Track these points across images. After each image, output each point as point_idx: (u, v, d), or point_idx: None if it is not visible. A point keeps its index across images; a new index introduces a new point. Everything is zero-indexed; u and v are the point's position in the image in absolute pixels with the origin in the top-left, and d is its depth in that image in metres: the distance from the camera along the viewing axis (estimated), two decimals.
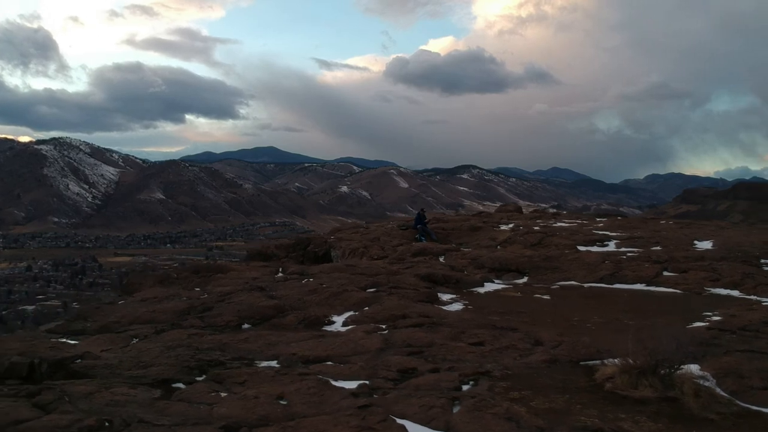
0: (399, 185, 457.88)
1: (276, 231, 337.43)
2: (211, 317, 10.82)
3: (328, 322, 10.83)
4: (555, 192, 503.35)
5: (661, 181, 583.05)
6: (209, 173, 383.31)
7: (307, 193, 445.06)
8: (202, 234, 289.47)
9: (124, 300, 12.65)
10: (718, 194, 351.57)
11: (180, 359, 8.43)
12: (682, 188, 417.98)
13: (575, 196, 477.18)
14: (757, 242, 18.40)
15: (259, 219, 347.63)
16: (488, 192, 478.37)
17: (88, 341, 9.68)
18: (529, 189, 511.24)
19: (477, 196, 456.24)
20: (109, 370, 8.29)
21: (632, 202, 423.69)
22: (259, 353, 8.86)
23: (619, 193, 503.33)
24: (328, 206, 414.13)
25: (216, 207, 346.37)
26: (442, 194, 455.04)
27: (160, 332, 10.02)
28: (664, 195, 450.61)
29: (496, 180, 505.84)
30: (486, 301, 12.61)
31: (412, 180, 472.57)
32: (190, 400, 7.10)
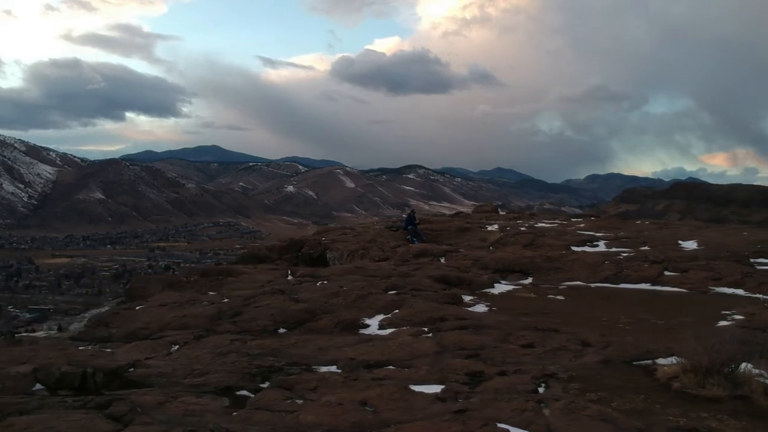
0: (345, 185, 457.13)
1: (220, 231, 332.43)
2: (245, 322, 10.62)
3: (363, 325, 10.75)
4: (499, 192, 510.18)
5: (601, 180, 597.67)
6: (151, 172, 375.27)
7: (251, 192, 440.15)
8: (144, 234, 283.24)
9: (138, 305, 12.28)
10: (656, 194, 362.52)
11: (237, 366, 8.25)
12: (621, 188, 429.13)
13: (518, 196, 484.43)
14: (739, 242, 19.08)
15: (202, 219, 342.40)
16: (434, 192, 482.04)
17: (127, 348, 9.38)
18: (474, 189, 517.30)
19: (423, 196, 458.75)
20: (165, 378, 8.06)
21: (573, 202, 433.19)
22: (313, 358, 8.74)
23: (561, 193, 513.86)
24: (273, 206, 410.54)
25: (158, 207, 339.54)
26: (388, 194, 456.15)
27: (199, 338, 9.79)
28: (604, 195, 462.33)
29: (442, 180, 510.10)
30: (506, 302, 12.72)
31: (358, 180, 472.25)
32: (268, 408, 6.96)
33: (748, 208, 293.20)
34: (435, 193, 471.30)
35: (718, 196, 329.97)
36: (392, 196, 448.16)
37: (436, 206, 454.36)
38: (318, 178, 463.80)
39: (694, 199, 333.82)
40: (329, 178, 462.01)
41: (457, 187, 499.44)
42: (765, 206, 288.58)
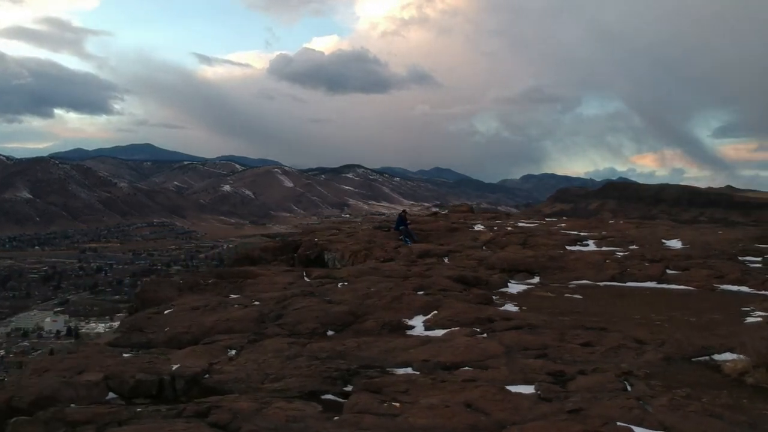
0: (284, 184, 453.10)
1: (154, 232, 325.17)
2: (291, 325, 10.47)
3: (408, 326, 10.75)
4: (437, 191, 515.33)
5: (535, 180, 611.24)
6: (81, 171, 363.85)
7: (187, 192, 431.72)
8: (74, 235, 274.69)
9: (165, 309, 11.93)
10: (589, 194, 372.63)
11: (314, 370, 8.14)
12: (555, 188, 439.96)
13: (456, 196, 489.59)
14: (720, 241, 19.93)
15: (135, 219, 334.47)
16: (373, 191, 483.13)
17: (183, 354, 9.11)
18: (413, 188, 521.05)
19: (362, 196, 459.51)
20: (243, 384, 7.90)
21: (510, 201, 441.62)
22: (383, 360, 8.69)
23: (497, 193, 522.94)
24: (209, 206, 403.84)
25: (89, 207, 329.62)
26: (327, 194, 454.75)
27: (253, 342, 9.60)
28: (539, 194, 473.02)
29: (381, 179, 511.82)
30: (532, 302, 12.91)
31: (297, 179, 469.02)
32: (369, 412, 6.90)
33: (677, 206, 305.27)
34: (374, 192, 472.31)
35: (649, 195, 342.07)
36: (331, 195, 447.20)
37: (375, 206, 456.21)
38: (255, 178, 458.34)
39: (625, 199, 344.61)
40: (267, 177, 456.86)
41: (396, 187, 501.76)
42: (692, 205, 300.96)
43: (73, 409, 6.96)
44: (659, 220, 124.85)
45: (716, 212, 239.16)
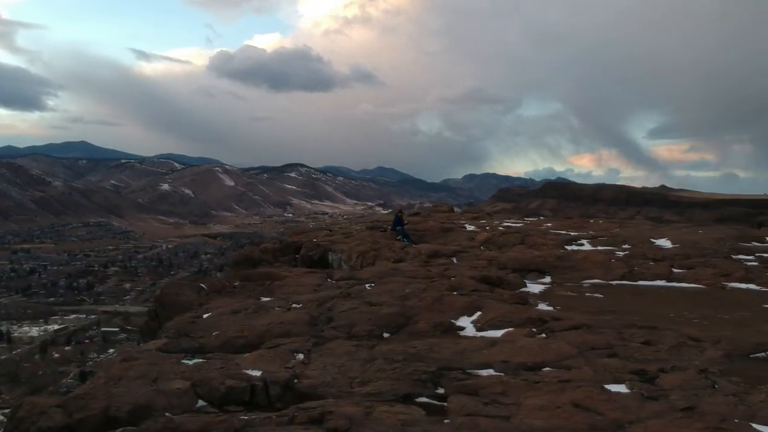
0: (225, 183, 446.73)
1: (90, 232, 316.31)
2: (345, 327, 10.38)
3: (459, 328, 10.79)
4: (380, 191, 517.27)
5: (477, 180, 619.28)
6: (12, 169, 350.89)
7: (124, 191, 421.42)
8: (6, 236, 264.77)
9: (204, 313, 11.65)
10: (529, 193, 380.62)
11: (400, 373, 8.11)
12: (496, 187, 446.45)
13: (400, 195, 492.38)
14: (707, 240, 20.68)
15: (70, 219, 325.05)
16: (316, 191, 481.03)
17: (252, 359, 8.92)
18: (356, 188, 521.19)
19: (306, 195, 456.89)
20: (333, 388, 7.82)
21: (452, 201, 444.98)
22: (460, 362, 8.71)
23: (440, 192, 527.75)
24: (148, 205, 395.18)
25: (20, 206, 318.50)
26: (270, 193, 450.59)
27: (317, 345, 9.49)
28: (480, 194, 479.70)
29: (324, 179, 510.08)
30: (562, 302, 13.11)
31: (238, 178, 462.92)
32: (480, 414, 6.93)
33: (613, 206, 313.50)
34: (317, 192, 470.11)
35: (587, 195, 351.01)
36: (274, 194, 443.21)
37: (318, 205, 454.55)
38: (195, 176, 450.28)
39: (564, 198, 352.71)
40: (207, 176, 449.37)
41: (339, 186, 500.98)
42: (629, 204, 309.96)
43: (185, 417, 6.77)
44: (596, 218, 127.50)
45: (651, 211, 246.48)
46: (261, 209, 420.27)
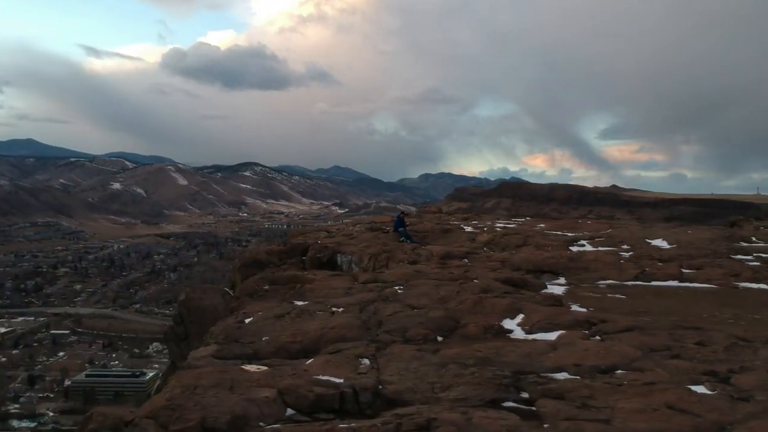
0: (177, 182, 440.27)
1: (38, 232, 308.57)
2: (399, 331, 10.33)
3: (507, 330, 10.85)
4: (337, 190, 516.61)
5: (433, 179, 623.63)
6: None
7: (74, 190, 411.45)
8: None
9: (249, 317, 11.47)
10: (485, 193, 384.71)
11: (480, 377, 8.12)
12: (452, 186, 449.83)
13: (356, 194, 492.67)
14: (702, 240, 21.23)
15: (17, 219, 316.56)
16: (272, 190, 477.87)
17: (319, 364, 8.80)
18: (312, 187, 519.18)
19: (261, 194, 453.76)
20: (418, 394, 7.80)
21: (408, 200, 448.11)
22: (531, 365, 8.75)
23: (396, 192, 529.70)
24: (98, 204, 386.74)
25: None
26: (224, 192, 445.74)
27: (379, 350, 9.43)
28: (436, 193, 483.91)
29: (280, 178, 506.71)
30: (593, 303, 13.25)
31: (191, 177, 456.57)
32: (578, 418, 6.97)
33: (567, 205, 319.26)
34: (273, 191, 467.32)
35: (541, 194, 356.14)
36: (228, 194, 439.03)
37: (274, 205, 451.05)
38: (148, 175, 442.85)
39: (519, 198, 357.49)
40: (160, 175, 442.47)
41: (295, 186, 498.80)
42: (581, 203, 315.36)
43: (290, 427, 6.66)
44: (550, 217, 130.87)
45: (603, 210, 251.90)
46: (215, 209, 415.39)
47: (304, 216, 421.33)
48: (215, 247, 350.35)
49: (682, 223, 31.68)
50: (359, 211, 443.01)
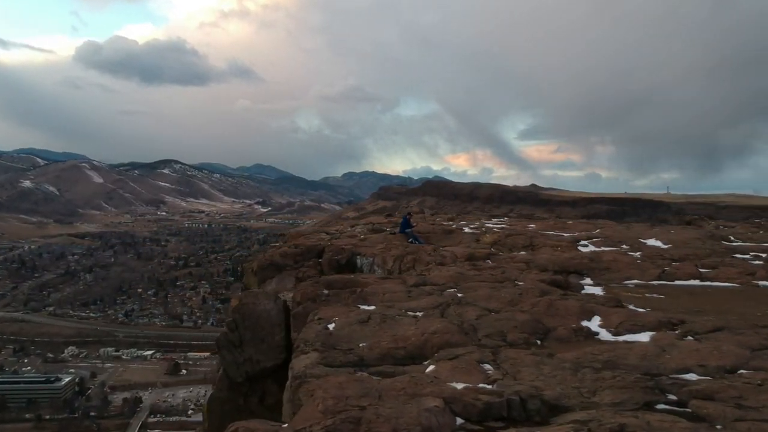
0: (92, 180, 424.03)
1: None
2: (497, 335, 10.34)
3: (593, 332, 11.01)
4: (259, 189, 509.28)
5: (357, 178, 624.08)
6: None
7: None
8: None
9: (325, 323, 11.18)
10: (409, 191, 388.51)
11: (623, 381, 8.20)
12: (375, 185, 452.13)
13: (279, 193, 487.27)
14: (691, 239, 22.13)
15: None
16: (192, 188, 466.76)
17: (446, 371, 8.70)
18: (234, 185, 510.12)
19: (180, 193, 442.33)
20: (572, 399, 7.82)
21: (332, 199, 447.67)
22: (657, 367, 8.90)
23: (320, 190, 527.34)
24: (7, 203, 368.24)
25: None
26: (141, 190, 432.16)
27: (495, 355, 9.40)
28: (360, 192, 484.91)
29: (200, 176, 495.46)
30: (642, 303, 13.61)
31: (107, 174, 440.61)
32: (743, 418, 7.17)
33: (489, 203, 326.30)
34: (192, 189, 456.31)
35: (464, 193, 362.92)
36: (146, 192, 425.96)
37: (194, 203, 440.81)
38: (60, 173, 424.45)
39: (443, 196, 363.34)
40: (74, 172, 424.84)
41: (216, 184, 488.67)
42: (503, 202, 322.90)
43: None
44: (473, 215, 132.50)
45: (524, 209, 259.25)
46: (132, 207, 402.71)
47: (225, 215, 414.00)
48: (133, 247, 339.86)
49: (667, 223, 32.85)
50: (283, 210, 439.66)
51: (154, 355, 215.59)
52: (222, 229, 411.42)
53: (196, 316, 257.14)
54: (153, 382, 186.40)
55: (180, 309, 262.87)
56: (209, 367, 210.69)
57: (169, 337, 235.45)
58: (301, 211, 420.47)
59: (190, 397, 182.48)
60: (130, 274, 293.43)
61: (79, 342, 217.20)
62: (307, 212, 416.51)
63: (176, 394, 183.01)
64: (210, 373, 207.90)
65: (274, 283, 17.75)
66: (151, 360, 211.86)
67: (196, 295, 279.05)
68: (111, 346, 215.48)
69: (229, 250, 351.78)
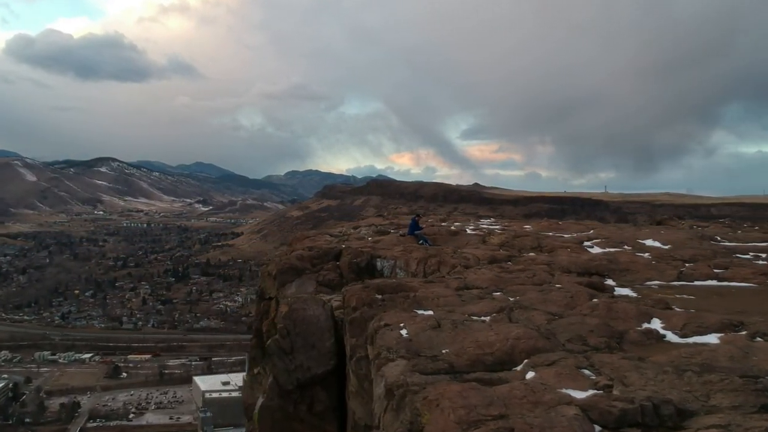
0: (25, 178, 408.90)
1: None
2: (579, 340, 10.39)
3: (661, 334, 11.19)
4: (200, 187, 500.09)
5: (300, 177, 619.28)
6: None
7: None
8: None
9: (401, 329, 11.05)
10: (354, 190, 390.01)
11: (731, 384, 8.35)
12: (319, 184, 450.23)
13: (221, 192, 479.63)
14: (687, 239, 22.80)
15: None
16: (130, 187, 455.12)
17: (550, 378, 8.72)
18: (174, 184, 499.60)
19: (118, 191, 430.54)
20: (691, 404, 7.92)
21: (275, 198, 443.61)
22: (749, 369, 9.10)
23: (262, 189, 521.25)
24: None
25: None
26: (77, 189, 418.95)
27: (589, 359, 9.46)
28: (304, 191, 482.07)
29: (138, 174, 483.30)
30: (683, 304, 13.92)
31: (41, 173, 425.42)
32: None
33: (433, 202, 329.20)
34: (131, 188, 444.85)
35: (409, 192, 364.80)
36: (82, 191, 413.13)
37: (132, 202, 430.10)
38: None
39: (388, 195, 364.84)
40: (5, 170, 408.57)
41: (155, 182, 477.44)
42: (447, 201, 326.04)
43: None
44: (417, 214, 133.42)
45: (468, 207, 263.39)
46: (68, 206, 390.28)
47: (165, 214, 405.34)
48: (69, 247, 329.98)
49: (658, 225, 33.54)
50: (224, 209, 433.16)
51: (93, 358, 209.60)
52: (162, 228, 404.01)
53: (136, 317, 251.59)
54: (92, 385, 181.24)
55: (119, 310, 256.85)
56: (150, 370, 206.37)
57: (109, 339, 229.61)
58: (243, 210, 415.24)
59: (131, 400, 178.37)
60: (66, 275, 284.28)
61: (13, 346, 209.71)
62: (250, 211, 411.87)
63: (116, 398, 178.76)
64: (151, 376, 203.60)
65: (294, 286, 17.45)
66: (89, 363, 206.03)
67: (136, 296, 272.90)
68: (47, 349, 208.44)
69: (170, 250, 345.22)
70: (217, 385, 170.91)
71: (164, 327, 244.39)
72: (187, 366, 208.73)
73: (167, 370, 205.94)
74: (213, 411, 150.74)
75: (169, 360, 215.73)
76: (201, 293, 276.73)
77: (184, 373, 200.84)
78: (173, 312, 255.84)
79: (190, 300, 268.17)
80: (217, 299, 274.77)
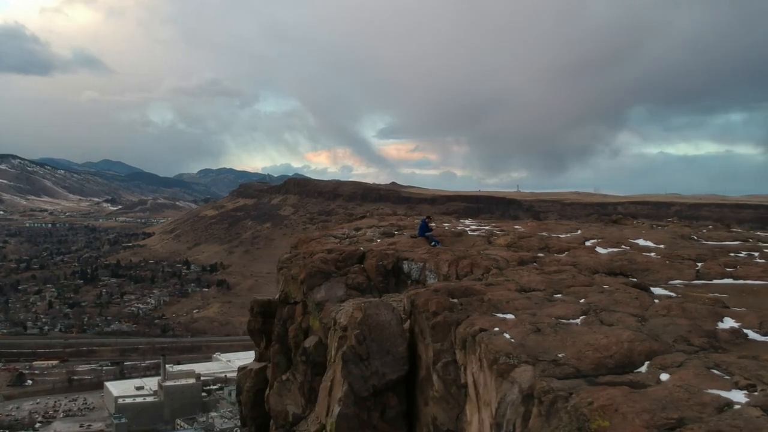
0: None
1: None
2: (682, 341, 10.65)
3: (744, 333, 11.60)
4: (108, 185, 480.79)
5: (213, 175, 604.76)
6: None
7: None
8: None
9: (498, 333, 10.98)
10: (271, 189, 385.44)
11: None
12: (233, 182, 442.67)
13: (130, 190, 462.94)
14: (677, 238, 23.75)
15: None
16: (33, 185, 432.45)
17: (694, 381, 8.88)
18: (80, 182, 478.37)
19: (20, 190, 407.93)
20: None
21: (187, 196, 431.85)
22: None
23: (174, 187, 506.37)
24: None
25: None
26: None
27: (708, 359, 9.70)
28: (217, 189, 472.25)
29: (42, 172, 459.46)
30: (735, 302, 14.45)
31: None
32: None
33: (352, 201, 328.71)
34: (34, 186, 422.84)
35: (327, 191, 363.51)
36: None
37: (35, 201, 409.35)
38: None
39: (305, 194, 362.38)
40: None
41: (60, 180, 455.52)
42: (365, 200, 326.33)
43: None
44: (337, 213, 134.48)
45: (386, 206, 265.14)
46: None
47: (71, 214, 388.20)
48: None
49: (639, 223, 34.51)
50: (134, 208, 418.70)
51: None
52: (68, 228, 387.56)
53: (42, 322, 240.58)
54: None
55: (23, 315, 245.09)
56: (58, 376, 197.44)
57: (12, 345, 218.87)
58: (154, 209, 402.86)
59: (38, 408, 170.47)
60: None
61: None
62: (161, 210, 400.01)
63: (21, 407, 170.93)
64: (59, 382, 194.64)
65: (323, 290, 17.05)
66: None
67: (42, 300, 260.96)
68: None
69: (77, 251, 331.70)
70: (131, 390, 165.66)
71: (72, 331, 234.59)
72: (98, 371, 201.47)
73: (76, 376, 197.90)
74: (127, 417, 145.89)
75: (79, 365, 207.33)
76: (111, 295, 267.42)
77: (95, 379, 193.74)
78: (82, 315, 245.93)
79: (100, 303, 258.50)
80: (128, 301, 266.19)
